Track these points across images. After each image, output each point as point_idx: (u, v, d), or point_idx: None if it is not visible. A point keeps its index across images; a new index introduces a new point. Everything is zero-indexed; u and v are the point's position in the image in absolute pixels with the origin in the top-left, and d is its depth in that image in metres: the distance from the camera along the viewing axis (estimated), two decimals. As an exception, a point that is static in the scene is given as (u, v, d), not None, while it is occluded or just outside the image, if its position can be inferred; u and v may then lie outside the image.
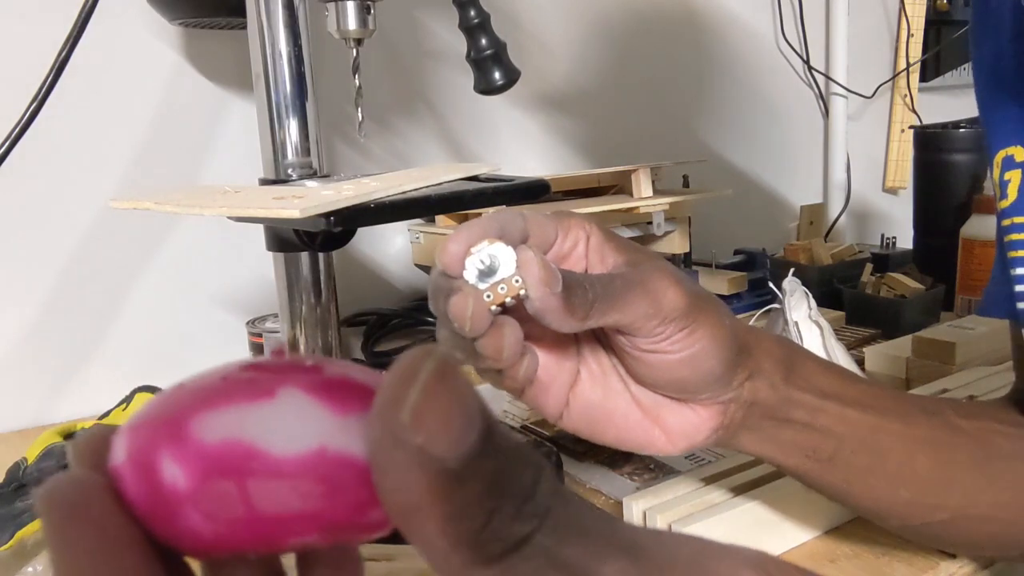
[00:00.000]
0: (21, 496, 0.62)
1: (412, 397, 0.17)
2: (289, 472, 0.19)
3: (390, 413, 0.17)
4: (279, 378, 0.20)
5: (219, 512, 0.19)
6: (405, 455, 0.17)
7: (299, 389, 0.20)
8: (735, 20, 1.37)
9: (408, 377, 0.17)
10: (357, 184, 0.68)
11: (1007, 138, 0.49)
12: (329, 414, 0.20)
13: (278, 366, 0.21)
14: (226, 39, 0.93)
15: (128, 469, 0.19)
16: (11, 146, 0.66)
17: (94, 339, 0.92)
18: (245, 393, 0.20)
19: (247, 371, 0.21)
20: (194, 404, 0.20)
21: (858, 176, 1.53)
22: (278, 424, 0.19)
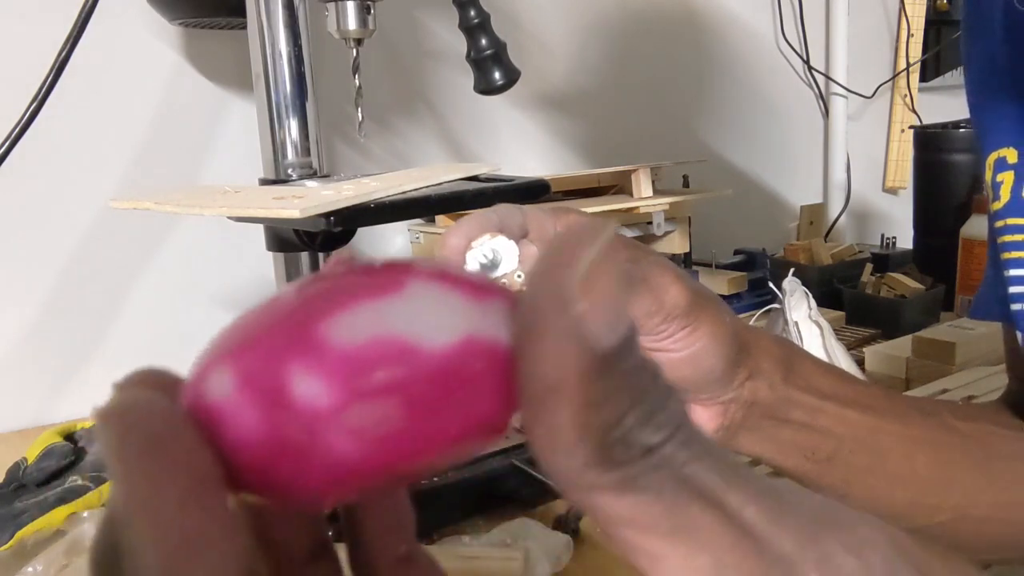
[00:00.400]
0: (21, 496, 0.62)
1: (586, 261, 0.16)
2: (443, 368, 0.17)
3: (560, 273, 0.16)
4: (397, 273, 0.18)
5: (370, 429, 0.16)
6: (565, 322, 0.16)
7: (426, 280, 0.17)
8: (735, 20, 1.37)
9: (584, 240, 0.16)
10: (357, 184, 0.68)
11: (999, 140, 0.49)
12: (465, 301, 0.17)
13: (379, 266, 0.18)
14: (226, 39, 0.93)
15: (239, 401, 0.16)
16: (11, 146, 0.66)
17: (94, 339, 0.92)
18: (369, 290, 0.17)
19: (350, 274, 0.18)
20: (314, 309, 0.17)
21: (858, 176, 1.53)
22: (421, 316, 0.17)
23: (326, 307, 0.17)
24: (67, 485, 0.62)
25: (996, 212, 0.49)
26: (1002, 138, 0.49)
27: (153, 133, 0.92)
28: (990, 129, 0.50)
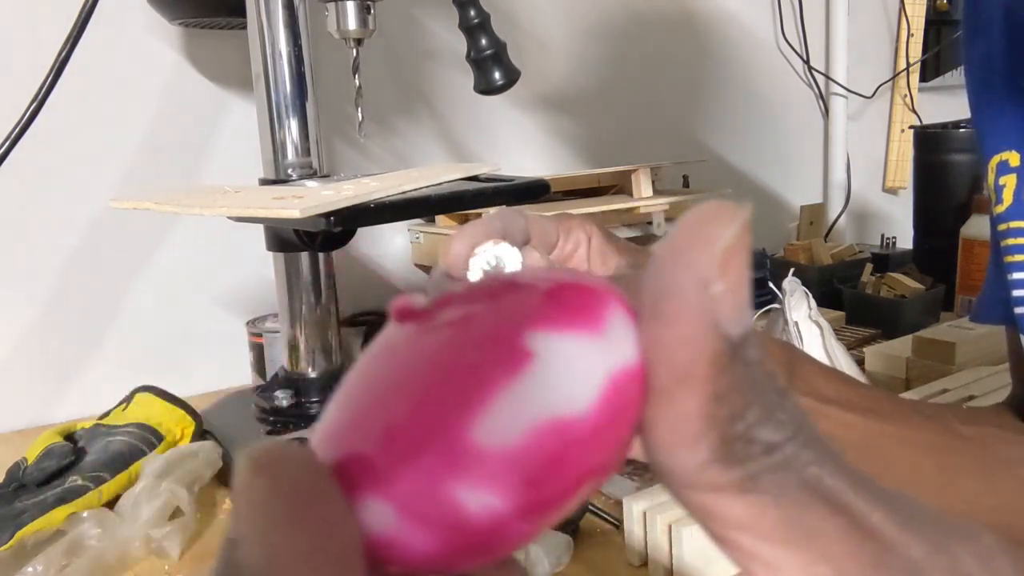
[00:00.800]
0: (21, 496, 0.62)
1: (724, 241, 0.16)
2: (597, 424, 0.16)
3: (698, 253, 0.16)
4: (508, 331, 0.16)
5: (542, 511, 0.16)
6: (702, 305, 0.15)
7: (543, 331, 0.16)
8: (735, 20, 1.37)
9: (721, 220, 0.16)
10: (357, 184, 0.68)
11: (1000, 143, 0.49)
12: (590, 335, 0.16)
13: (481, 319, 0.17)
14: (226, 39, 0.93)
15: (406, 531, 0.16)
16: (11, 146, 0.66)
17: (94, 339, 0.92)
18: (496, 369, 0.16)
19: (445, 328, 0.17)
20: (449, 405, 0.16)
21: (858, 176, 1.53)
22: (559, 382, 0.16)
23: (462, 403, 0.15)
24: (67, 485, 0.62)
25: (999, 215, 0.49)
26: (1004, 141, 0.49)
27: (153, 133, 0.92)
28: (992, 132, 0.50)
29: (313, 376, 0.77)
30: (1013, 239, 0.48)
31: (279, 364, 0.80)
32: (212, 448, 0.68)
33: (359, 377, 0.17)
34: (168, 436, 0.72)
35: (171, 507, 0.61)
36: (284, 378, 0.78)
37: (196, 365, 0.95)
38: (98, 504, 0.62)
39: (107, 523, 0.59)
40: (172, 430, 0.73)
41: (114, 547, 0.58)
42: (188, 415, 0.74)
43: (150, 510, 0.60)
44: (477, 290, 0.18)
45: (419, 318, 0.17)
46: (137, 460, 0.67)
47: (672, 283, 0.16)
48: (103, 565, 0.57)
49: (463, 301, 0.17)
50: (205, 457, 0.67)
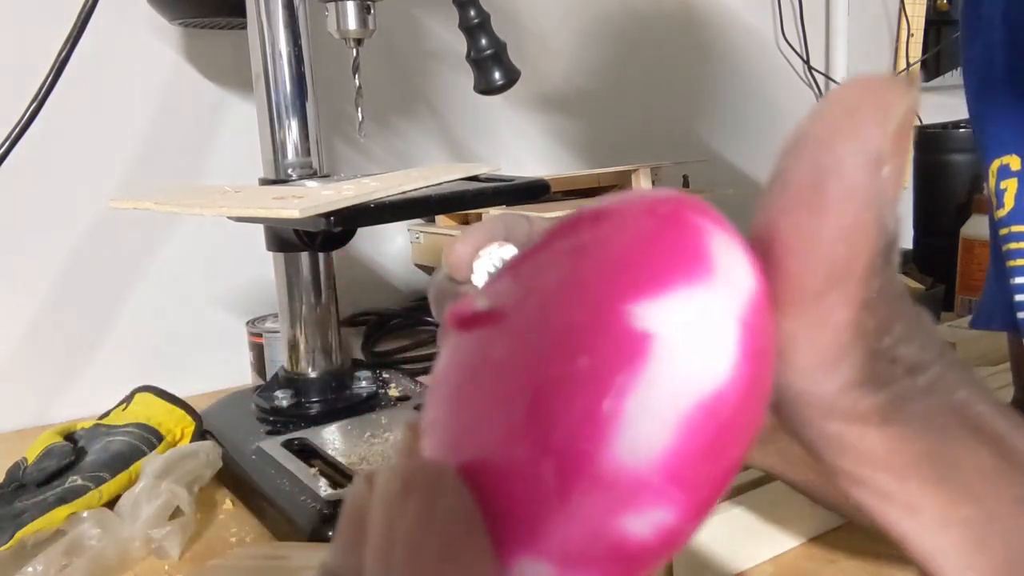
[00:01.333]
0: (21, 496, 0.62)
1: (901, 109, 0.13)
2: (746, 384, 0.14)
3: (873, 123, 0.13)
4: (603, 306, 0.13)
5: (709, 504, 0.14)
6: (871, 186, 0.13)
7: (650, 296, 0.13)
8: (735, 20, 1.37)
9: (895, 87, 0.14)
10: (357, 184, 0.68)
11: (1001, 147, 0.49)
12: (705, 284, 0.13)
13: (560, 294, 0.14)
14: (226, 39, 0.93)
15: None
16: (11, 146, 0.66)
17: (94, 339, 0.92)
18: (607, 361, 0.13)
19: (524, 327, 0.14)
20: (574, 429, 0.13)
21: (858, 176, 1.53)
22: (690, 359, 0.13)
23: (592, 423, 0.13)
24: (67, 485, 0.62)
25: (1000, 220, 0.49)
26: (1005, 145, 0.49)
27: (153, 133, 0.92)
28: (992, 136, 0.50)
29: (313, 376, 0.77)
30: (1015, 243, 0.48)
31: (279, 364, 0.80)
32: (212, 448, 0.68)
33: (448, 405, 0.15)
34: (168, 436, 0.72)
35: (171, 507, 0.61)
36: (284, 378, 0.78)
37: (196, 365, 0.95)
38: (98, 504, 0.62)
39: (107, 523, 0.59)
40: (172, 430, 0.73)
41: (114, 547, 0.58)
42: (188, 415, 0.74)
43: (150, 510, 0.60)
44: (534, 262, 0.15)
45: (486, 322, 0.15)
46: (137, 460, 0.67)
47: (834, 162, 0.13)
48: (103, 565, 0.57)
49: (527, 283, 0.14)
50: (205, 457, 0.67)
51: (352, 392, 0.78)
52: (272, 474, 0.65)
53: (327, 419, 0.74)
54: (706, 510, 0.14)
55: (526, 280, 0.15)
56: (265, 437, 0.71)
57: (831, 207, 0.14)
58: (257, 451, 0.69)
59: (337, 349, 0.79)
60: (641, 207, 0.15)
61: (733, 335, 0.13)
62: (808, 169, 0.14)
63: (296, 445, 0.69)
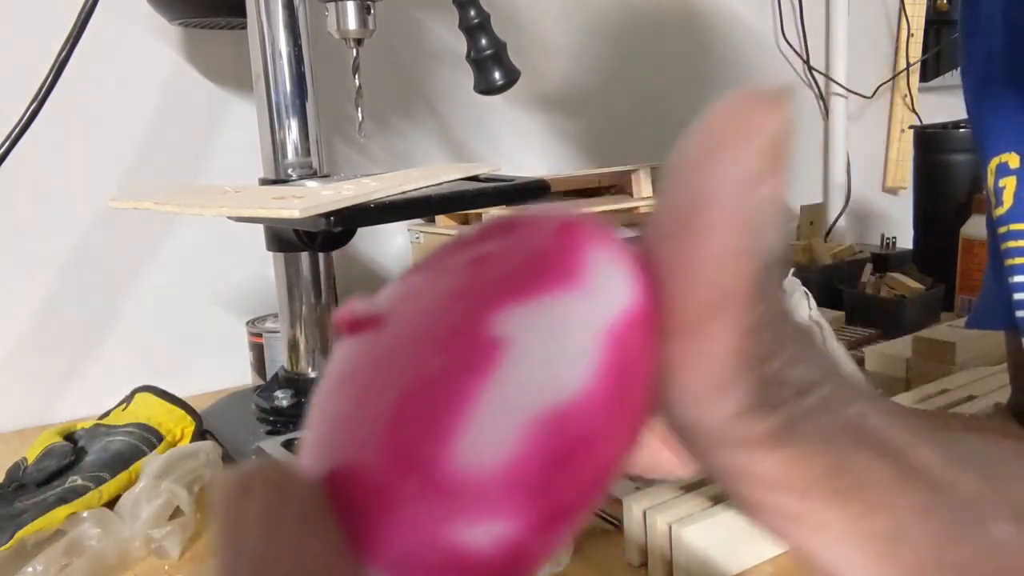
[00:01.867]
0: (21, 496, 0.62)
1: (773, 127, 0.13)
2: (603, 396, 0.13)
3: (745, 144, 0.13)
4: (466, 313, 0.13)
5: (557, 522, 0.13)
6: (747, 209, 0.13)
7: (511, 304, 0.13)
8: (735, 20, 1.37)
9: (765, 104, 0.13)
10: (357, 184, 0.68)
11: (999, 145, 0.48)
12: (568, 294, 0.13)
13: (435, 303, 0.14)
14: (226, 39, 0.93)
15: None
16: (11, 146, 0.66)
17: (94, 339, 0.92)
18: (460, 366, 0.13)
19: (398, 333, 0.14)
20: (418, 432, 0.13)
21: (858, 176, 1.53)
22: (545, 365, 0.13)
23: (435, 426, 0.12)
24: (67, 485, 0.62)
25: (999, 218, 0.48)
26: (1003, 143, 0.48)
27: (153, 133, 0.92)
28: (990, 133, 0.49)
29: (313, 376, 0.77)
30: (1013, 242, 0.48)
31: (279, 364, 0.80)
32: (212, 448, 0.68)
33: (322, 407, 0.15)
34: (168, 436, 0.72)
35: (171, 507, 0.61)
36: (284, 378, 0.78)
37: (196, 365, 0.95)
38: (98, 504, 0.62)
39: (107, 523, 0.59)
40: (172, 430, 0.73)
41: (114, 547, 0.58)
42: (188, 415, 0.74)
43: (150, 510, 0.60)
44: (426, 270, 0.15)
45: (368, 327, 0.14)
46: (137, 460, 0.67)
47: (709, 186, 0.13)
48: (103, 565, 0.57)
49: (413, 290, 0.14)
50: (205, 457, 0.67)
51: (352, 392, 0.78)
52: (272, 474, 0.65)
53: (327, 419, 0.73)
54: (558, 527, 0.13)
55: (414, 287, 0.15)
56: (265, 437, 0.71)
57: (706, 232, 0.13)
58: (257, 451, 0.69)
59: (337, 349, 0.79)
60: (530, 222, 0.15)
61: (591, 348, 0.13)
62: (684, 193, 0.14)
63: (296, 445, 0.69)
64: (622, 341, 0.13)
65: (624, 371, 0.13)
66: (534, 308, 0.13)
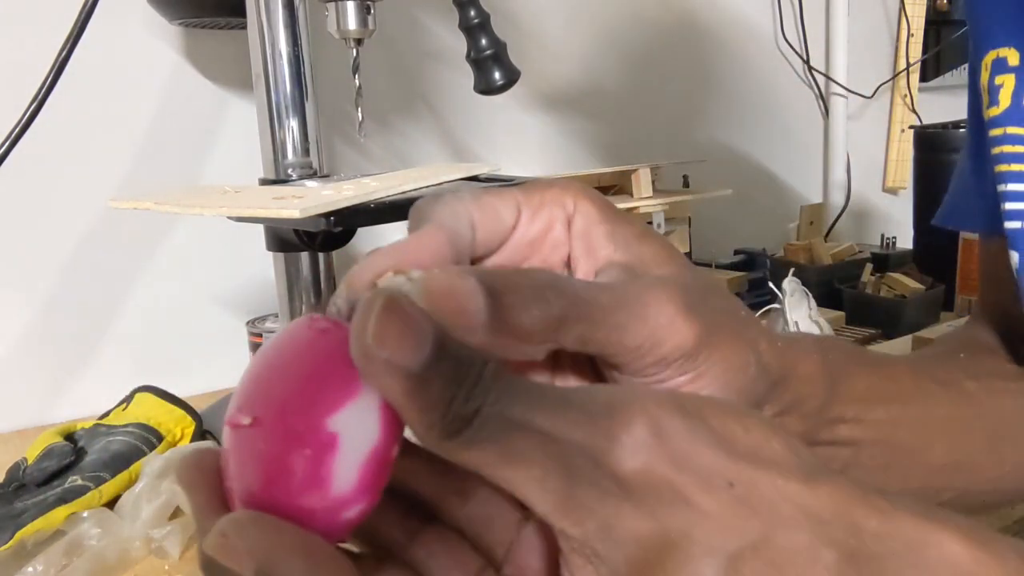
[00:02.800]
0: (21, 496, 0.62)
1: (372, 324, 0.21)
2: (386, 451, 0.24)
3: (360, 340, 0.21)
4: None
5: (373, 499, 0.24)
6: (379, 367, 0.21)
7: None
8: (735, 20, 1.37)
9: (367, 312, 0.21)
10: (357, 184, 0.68)
11: (997, 38, 0.46)
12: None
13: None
14: (226, 39, 0.93)
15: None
16: (11, 146, 0.66)
17: (94, 339, 0.92)
18: (318, 445, 0.23)
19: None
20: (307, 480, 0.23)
21: (858, 176, 1.53)
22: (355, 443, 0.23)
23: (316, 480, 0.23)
24: (67, 485, 0.62)
25: (993, 119, 0.46)
26: (1001, 37, 0.46)
27: (153, 133, 0.92)
28: (987, 25, 0.46)
29: (313, 376, 0.77)
30: (1009, 146, 0.45)
31: (279, 364, 0.80)
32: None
33: (231, 468, 0.24)
34: (168, 436, 0.72)
35: (171, 507, 0.61)
36: (284, 378, 0.78)
37: (196, 365, 0.95)
38: (98, 504, 0.62)
39: (107, 523, 0.59)
40: (172, 430, 0.73)
41: (114, 547, 0.58)
42: (188, 415, 0.74)
43: (150, 510, 0.60)
44: (270, 375, 0.24)
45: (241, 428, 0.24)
46: (137, 460, 0.67)
47: (359, 361, 0.22)
48: (103, 565, 0.57)
49: (268, 393, 0.24)
50: (205, 457, 0.67)
51: (352, 392, 0.78)
52: (272, 474, 0.65)
53: (327, 419, 0.73)
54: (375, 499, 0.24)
55: (268, 389, 0.24)
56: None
57: (370, 380, 0.23)
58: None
59: (337, 349, 0.79)
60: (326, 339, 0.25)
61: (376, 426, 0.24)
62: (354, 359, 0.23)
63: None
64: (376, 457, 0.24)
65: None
66: (347, 412, 0.23)
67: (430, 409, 0.21)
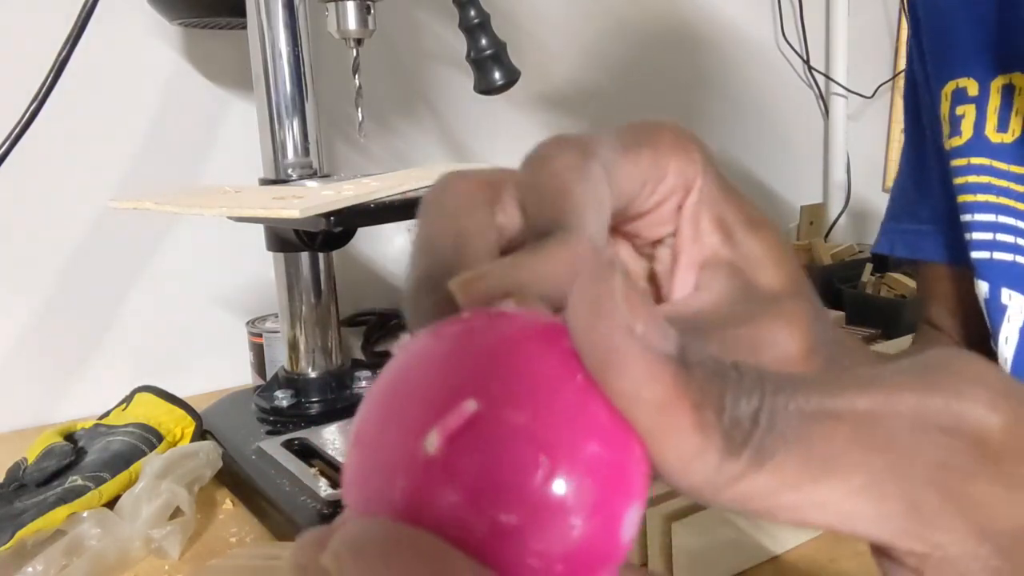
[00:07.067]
0: (21, 496, 0.62)
1: (618, 290, 0.16)
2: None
3: (606, 314, 0.16)
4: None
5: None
6: (639, 347, 0.16)
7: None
8: (735, 20, 1.37)
9: (604, 278, 0.16)
10: (357, 184, 0.68)
11: (955, 68, 0.46)
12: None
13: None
14: (226, 39, 0.93)
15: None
16: (11, 146, 0.66)
17: (94, 339, 0.92)
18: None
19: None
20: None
21: (858, 176, 1.53)
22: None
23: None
24: (67, 485, 0.62)
25: (956, 149, 0.46)
26: (960, 67, 0.46)
27: (153, 133, 0.92)
28: (945, 56, 0.47)
29: (313, 376, 0.77)
30: (974, 176, 0.46)
31: (279, 364, 0.80)
32: (212, 448, 0.68)
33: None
34: (168, 436, 0.72)
35: (171, 507, 0.61)
36: (284, 378, 0.78)
37: (196, 365, 0.95)
38: (98, 504, 0.62)
39: (107, 523, 0.59)
40: (172, 430, 0.73)
41: (114, 547, 0.58)
42: (188, 415, 0.74)
43: (150, 510, 0.60)
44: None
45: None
46: (137, 460, 0.67)
47: (602, 344, 0.16)
48: (103, 565, 0.57)
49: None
50: (205, 457, 0.67)
51: (352, 392, 0.78)
52: (272, 474, 0.65)
53: (327, 419, 0.74)
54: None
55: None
56: (265, 437, 0.71)
57: (619, 373, 0.16)
58: (257, 451, 0.69)
59: (337, 349, 0.79)
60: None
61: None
62: (590, 357, 0.16)
63: (296, 445, 0.69)
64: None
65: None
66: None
67: (705, 405, 0.16)
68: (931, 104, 0.49)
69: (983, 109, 0.45)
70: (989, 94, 0.45)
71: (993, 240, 0.46)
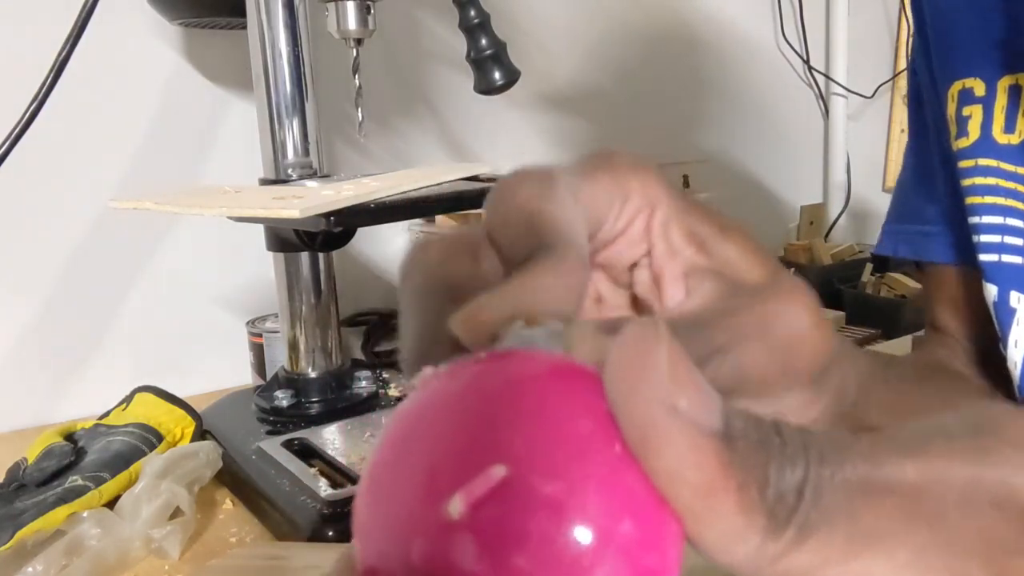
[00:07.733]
0: (21, 496, 0.62)
1: (663, 361, 0.15)
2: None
3: (652, 380, 0.15)
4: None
5: None
6: (680, 425, 0.15)
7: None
8: (735, 20, 1.37)
9: (647, 345, 0.15)
10: (357, 184, 0.68)
11: (960, 68, 0.46)
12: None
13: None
14: (226, 39, 0.93)
15: None
16: (11, 146, 0.66)
17: (94, 339, 0.92)
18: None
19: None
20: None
21: (858, 176, 1.53)
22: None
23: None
24: (67, 485, 0.62)
25: (963, 150, 0.46)
26: (966, 67, 0.45)
27: (153, 133, 0.92)
28: (951, 55, 0.46)
29: (313, 376, 0.77)
30: (982, 178, 0.45)
31: (279, 364, 0.80)
32: (212, 448, 0.68)
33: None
34: (168, 436, 0.72)
35: (171, 507, 0.61)
36: (284, 378, 0.78)
37: (196, 365, 0.95)
38: (98, 504, 0.62)
39: (107, 523, 0.59)
40: (172, 430, 0.73)
41: (114, 547, 0.58)
42: (188, 415, 0.74)
43: (150, 510, 0.60)
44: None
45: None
46: (137, 460, 0.67)
47: (642, 421, 0.15)
48: (103, 565, 0.57)
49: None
50: (205, 457, 0.67)
51: (352, 392, 0.78)
52: (272, 474, 0.65)
53: (327, 419, 0.74)
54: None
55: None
56: (265, 437, 0.71)
57: (660, 455, 0.15)
58: (257, 451, 0.69)
59: (337, 349, 0.79)
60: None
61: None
62: (627, 431, 0.15)
63: (296, 445, 0.69)
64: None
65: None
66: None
67: (749, 484, 0.15)
68: (936, 104, 0.49)
69: (990, 110, 0.45)
70: (996, 94, 0.45)
71: (1001, 243, 0.45)
